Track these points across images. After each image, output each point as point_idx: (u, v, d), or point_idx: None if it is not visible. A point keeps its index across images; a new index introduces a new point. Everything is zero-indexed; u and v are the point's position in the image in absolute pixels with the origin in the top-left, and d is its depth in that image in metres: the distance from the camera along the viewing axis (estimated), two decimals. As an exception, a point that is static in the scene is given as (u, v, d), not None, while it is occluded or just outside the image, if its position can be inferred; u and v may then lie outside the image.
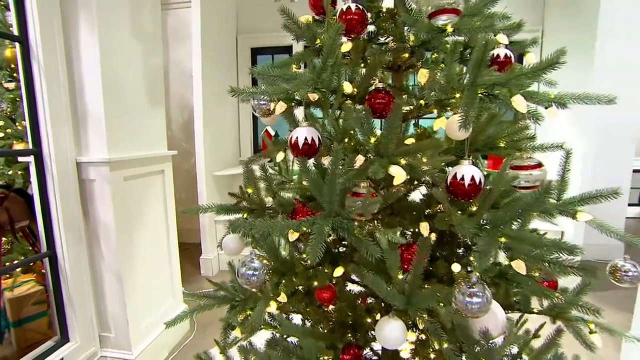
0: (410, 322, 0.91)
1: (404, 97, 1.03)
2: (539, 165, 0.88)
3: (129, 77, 1.99)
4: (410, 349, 1.13)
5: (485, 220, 0.80)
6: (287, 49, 3.86)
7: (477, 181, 0.75)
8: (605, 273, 0.95)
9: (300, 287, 1.12)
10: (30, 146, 1.68)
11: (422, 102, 0.95)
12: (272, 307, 1.03)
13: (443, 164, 0.90)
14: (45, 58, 1.63)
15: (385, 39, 1.03)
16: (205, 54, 3.26)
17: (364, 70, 0.96)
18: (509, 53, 0.94)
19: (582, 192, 0.88)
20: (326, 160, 0.97)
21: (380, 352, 1.24)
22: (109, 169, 1.81)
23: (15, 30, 1.59)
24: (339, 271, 1.00)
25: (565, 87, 0.82)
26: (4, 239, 2.19)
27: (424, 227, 0.89)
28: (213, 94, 3.43)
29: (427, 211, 0.98)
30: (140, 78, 2.09)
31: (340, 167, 0.80)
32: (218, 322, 1.21)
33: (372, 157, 0.86)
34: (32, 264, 2.21)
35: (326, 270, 1.04)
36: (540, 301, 1.04)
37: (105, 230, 1.88)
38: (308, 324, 1.19)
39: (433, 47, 0.95)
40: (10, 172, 2.24)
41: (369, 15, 0.92)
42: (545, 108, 0.79)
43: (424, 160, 0.85)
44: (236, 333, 1.15)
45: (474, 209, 0.83)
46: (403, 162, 0.81)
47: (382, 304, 1.10)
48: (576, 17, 3.02)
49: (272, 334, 1.20)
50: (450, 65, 0.82)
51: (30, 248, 2.22)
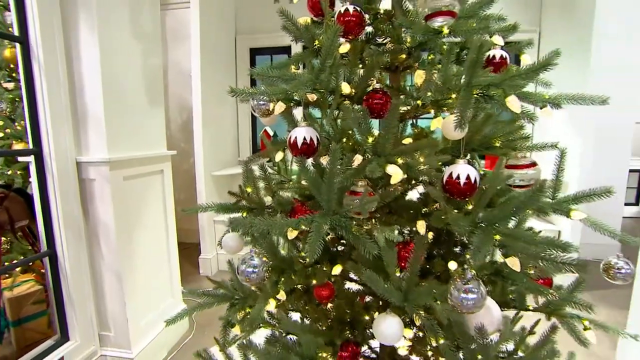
0: (407, 319, 0.93)
1: (401, 97, 1.04)
2: (533, 164, 0.90)
3: (128, 77, 2.00)
4: (407, 346, 1.15)
5: (480, 219, 0.82)
6: (286, 49, 3.87)
7: (473, 180, 0.77)
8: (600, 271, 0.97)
9: (299, 285, 1.13)
10: (30, 146, 1.69)
11: (419, 102, 0.97)
12: (271, 305, 1.04)
13: (440, 163, 0.91)
14: (46, 58, 1.64)
15: (383, 40, 1.04)
16: (204, 54, 3.27)
17: (361, 71, 0.98)
18: (504, 54, 0.95)
19: (576, 191, 0.90)
20: (325, 160, 0.99)
21: (378, 349, 1.25)
22: (109, 168, 1.82)
23: (15, 31, 1.60)
24: (337, 269, 1.01)
25: (562, 87, 0.84)
26: (3, 238, 2.20)
27: (421, 225, 0.90)
28: (212, 94, 3.44)
29: (424, 210, 0.99)
30: (139, 78, 2.10)
31: (339, 167, 0.81)
32: (217, 322, 1.22)
33: (369, 156, 0.87)
34: (32, 263, 2.22)
35: (325, 269, 1.05)
36: (535, 298, 1.05)
37: (105, 229, 1.89)
38: (307, 321, 1.21)
39: (429, 48, 0.96)
40: (10, 172, 2.24)
41: (366, 17, 0.94)
42: (540, 108, 0.81)
43: (421, 159, 0.87)
44: (236, 331, 1.17)
45: (470, 207, 0.84)
46: (400, 161, 0.83)
47: (380, 302, 1.12)
48: (573, 18, 3.04)
49: (272, 331, 1.21)
50: (446, 66, 0.84)
51: (30, 247, 2.22)
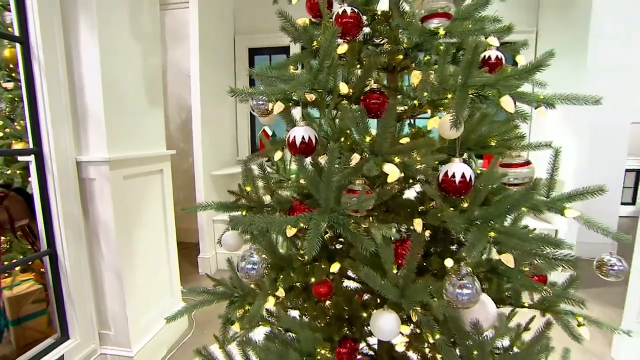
0: (404, 315, 0.94)
1: (398, 97, 1.06)
2: (527, 163, 0.91)
3: (128, 77, 2.01)
4: (404, 342, 1.16)
5: (475, 216, 0.83)
6: (285, 49, 3.88)
7: (468, 178, 0.78)
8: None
9: (297, 283, 1.14)
10: (30, 145, 1.69)
11: (416, 102, 0.98)
12: (270, 302, 1.05)
13: (436, 162, 0.93)
14: (46, 58, 1.65)
15: (380, 41, 1.06)
16: (203, 54, 3.28)
17: (359, 72, 0.99)
18: (500, 55, 0.97)
19: (570, 190, 0.92)
20: (323, 159, 1.00)
21: (375, 346, 1.27)
22: (109, 168, 1.83)
23: (16, 31, 1.61)
24: (335, 267, 1.03)
25: (559, 87, 0.85)
26: (3, 237, 2.21)
27: (418, 223, 0.92)
28: (211, 94, 3.45)
29: (420, 208, 1.01)
30: (139, 78, 2.11)
31: (337, 165, 0.82)
32: (216, 321, 1.23)
33: (367, 155, 0.89)
34: (31, 262, 2.22)
35: (323, 266, 1.07)
36: (530, 295, 1.07)
37: (105, 228, 1.90)
38: (305, 319, 1.22)
39: (426, 49, 0.98)
40: (9, 172, 2.25)
41: (364, 18, 0.95)
42: (535, 108, 0.82)
43: (418, 158, 0.88)
44: (235, 328, 1.18)
45: (465, 205, 0.86)
46: (397, 160, 0.84)
47: (378, 300, 1.13)
48: (569, 18, 3.06)
49: (271, 328, 1.22)
50: (442, 67, 0.85)
51: (30, 247, 2.23)
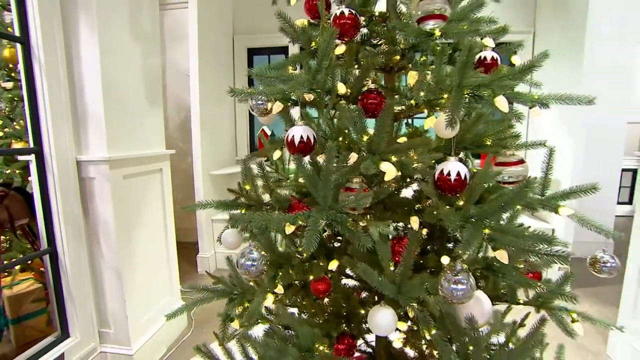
0: (401, 312, 0.96)
1: (395, 97, 1.07)
2: (521, 162, 0.93)
3: (128, 77, 2.02)
4: (402, 339, 1.18)
5: (471, 214, 0.85)
6: (283, 50, 3.90)
7: (463, 176, 0.80)
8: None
9: (296, 280, 1.16)
10: (31, 145, 1.70)
11: (412, 102, 1.00)
12: (269, 300, 1.07)
13: (433, 161, 0.94)
14: (46, 58, 1.66)
15: (378, 41, 1.07)
16: (202, 55, 3.29)
17: (357, 72, 1.01)
18: (495, 55, 0.99)
19: (563, 188, 0.93)
20: (321, 158, 1.02)
21: (373, 343, 1.28)
22: (109, 167, 1.84)
23: (16, 31, 1.62)
24: (333, 264, 1.04)
25: (556, 87, 0.87)
26: (3, 237, 2.22)
27: (414, 221, 0.94)
28: (210, 94, 3.46)
29: (417, 206, 1.02)
30: (139, 78, 2.12)
31: (335, 164, 0.84)
32: (215, 320, 1.24)
33: (364, 154, 0.90)
34: (31, 262, 2.23)
35: (321, 264, 1.08)
36: (525, 292, 1.09)
37: (104, 227, 1.91)
38: (304, 316, 1.24)
39: (422, 50, 0.99)
40: (9, 171, 2.25)
41: (361, 19, 0.97)
42: (530, 108, 0.84)
43: (415, 157, 0.90)
44: (235, 325, 1.19)
45: (461, 203, 0.87)
46: (394, 159, 0.86)
47: (375, 297, 1.15)
48: (566, 19, 3.08)
49: (270, 326, 1.23)
50: (439, 67, 0.87)
51: (30, 246, 2.24)
